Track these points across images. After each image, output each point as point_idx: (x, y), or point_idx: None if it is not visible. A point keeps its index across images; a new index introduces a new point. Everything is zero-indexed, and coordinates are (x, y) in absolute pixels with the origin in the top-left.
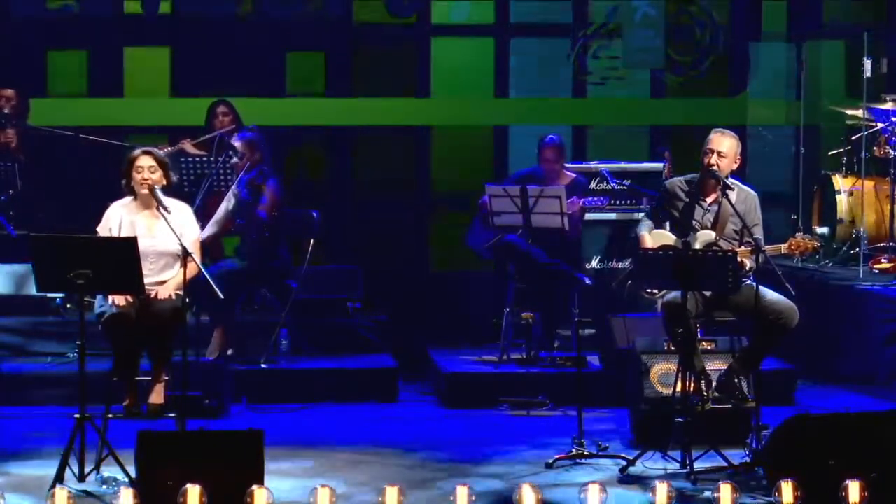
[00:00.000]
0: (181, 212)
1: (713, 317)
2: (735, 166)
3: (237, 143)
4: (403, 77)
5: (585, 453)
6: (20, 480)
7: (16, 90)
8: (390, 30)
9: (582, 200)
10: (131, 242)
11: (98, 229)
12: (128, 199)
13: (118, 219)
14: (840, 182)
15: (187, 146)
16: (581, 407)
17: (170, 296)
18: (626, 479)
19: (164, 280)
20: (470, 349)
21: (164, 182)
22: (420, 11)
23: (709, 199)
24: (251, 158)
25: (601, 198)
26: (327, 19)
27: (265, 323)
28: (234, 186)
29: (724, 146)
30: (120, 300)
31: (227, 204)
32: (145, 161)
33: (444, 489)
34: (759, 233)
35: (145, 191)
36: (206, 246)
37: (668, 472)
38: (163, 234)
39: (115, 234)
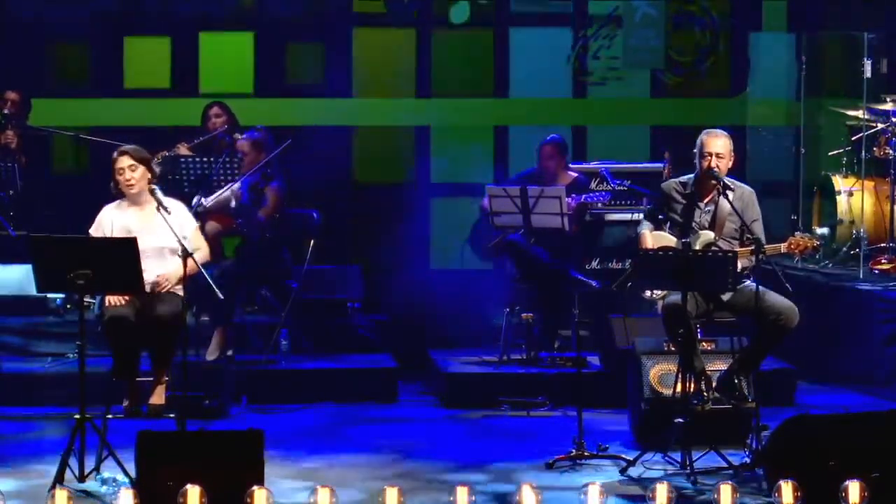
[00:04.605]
0: (176, 208)
1: (713, 317)
2: (730, 164)
3: (243, 143)
4: (404, 77)
5: (585, 454)
6: (20, 481)
7: (19, 91)
8: (390, 28)
9: (582, 197)
10: (131, 242)
11: (90, 232)
12: (118, 200)
13: (109, 221)
14: (840, 182)
15: (182, 149)
16: (581, 407)
17: (168, 287)
18: (626, 479)
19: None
20: (470, 349)
21: (150, 176)
22: (420, 11)
23: (706, 200)
24: (256, 159)
25: (602, 193)
26: (327, 16)
27: (265, 323)
28: (237, 183)
29: (720, 146)
30: (115, 299)
31: (228, 192)
32: (123, 162)
33: (443, 490)
34: (759, 228)
35: (134, 191)
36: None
37: (668, 472)
38: (157, 231)
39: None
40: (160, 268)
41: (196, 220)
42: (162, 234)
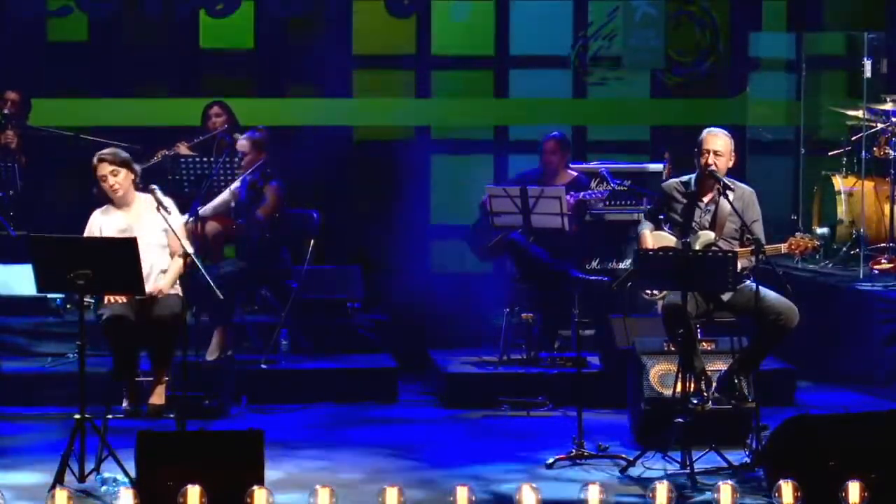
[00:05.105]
0: (168, 206)
1: (713, 317)
2: (731, 164)
3: (243, 143)
4: (403, 77)
5: (585, 453)
6: (20, 481)
7: (19, 91)
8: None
9: (581, 194)
10: (131, 242)
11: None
12: (106, 205)
13: (98, 227)
14: (840, 182)
15: (182, 149)
16: (581, 407)
17: (165, 292)
18: (626, 479)
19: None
20: (470, 349)
21: (133, 176)
22: (420, 12)
23: (706, 199)
24: (255, 159)
25: (601, 191)
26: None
27: (265, 323)
28: (235, 183)
29: (719, 145)
30: (112, 297)
31: (226, 195)
32: (104, 168)
33: (443, 489)
34: (759, 229)
35: (120, 195)
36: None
37: (668, 472)
38: (146, 229)
39: None
40: (151, 265)
41: (194, 221)
42: (151, 233)
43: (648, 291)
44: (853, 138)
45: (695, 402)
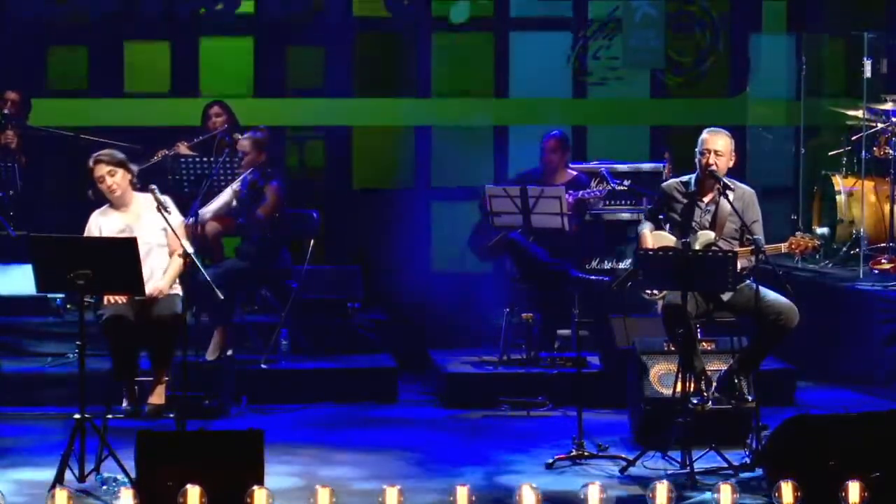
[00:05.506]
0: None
1: (713, 317)
2: (731, 164)
3: (244, 143)
4: (403, 77)
5: (585, 453)
6: (20, 481)
7: (19, 91)
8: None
9: (580, 193)
10: (131, 242)
11: None
12: (104, 206)
13: (97, 228)
14: (840, 182)
15: (182, 148)
16: (581, 407)
17: (164, 292)
18: (626, 479)
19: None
20: (470, 349)
21: (130, 176)
22: (419, 11)
23: (706, 199)
24: (256, 158)
25: (599, 189)
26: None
27: (265, 323)
28: (235, 182)
29: (720, 145)
30: (112, 297)
31: (227, 196)
32: (101, 170)
33: (443, 489)
34: (758, 229)
35: (118, 195)
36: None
37: (668, 472)
38: (145, 228)
39: None
40: (151, 266)
41: (194, 222)
42: (150, 232)
43: (648, 291)
44: (853, 138)
45: (695, 402)
